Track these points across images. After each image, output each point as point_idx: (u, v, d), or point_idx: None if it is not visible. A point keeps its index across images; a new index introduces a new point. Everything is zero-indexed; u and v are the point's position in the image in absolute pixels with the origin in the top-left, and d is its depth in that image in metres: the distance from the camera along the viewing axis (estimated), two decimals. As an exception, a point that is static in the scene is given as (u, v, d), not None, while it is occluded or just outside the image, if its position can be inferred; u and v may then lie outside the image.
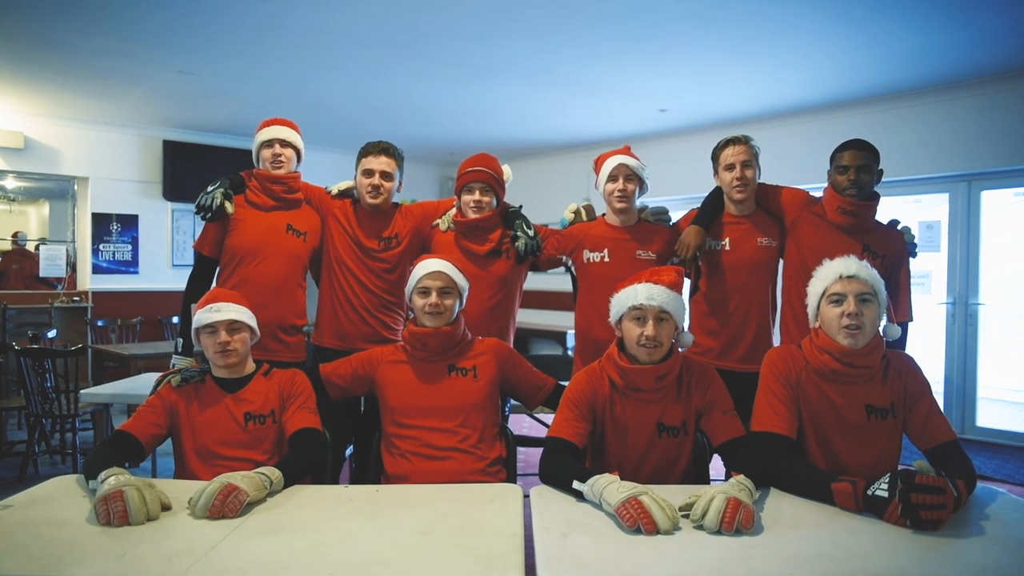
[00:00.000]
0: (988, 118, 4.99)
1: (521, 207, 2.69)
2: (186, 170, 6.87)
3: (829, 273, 1.88)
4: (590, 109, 5.96)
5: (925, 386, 1.87)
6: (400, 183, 2.67)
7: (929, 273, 5.42)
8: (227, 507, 1.55)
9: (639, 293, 1.89)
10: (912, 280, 2.50)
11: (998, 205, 5.56)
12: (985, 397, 5.44)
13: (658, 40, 4.20)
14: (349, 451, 2.70)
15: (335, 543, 1.44)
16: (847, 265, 1.86)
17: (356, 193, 2.66)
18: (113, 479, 1.58)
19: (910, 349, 2.29)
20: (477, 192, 2.53)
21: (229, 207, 2.51)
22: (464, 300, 2.23)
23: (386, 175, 2.58)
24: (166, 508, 1.59)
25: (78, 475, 1.81)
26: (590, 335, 2.53)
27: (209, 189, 2.51)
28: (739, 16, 3.80)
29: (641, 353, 1.90)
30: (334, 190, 2.72)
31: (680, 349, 1.99)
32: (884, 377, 1.86)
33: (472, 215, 2.54)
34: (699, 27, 3.98)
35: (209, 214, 2.48)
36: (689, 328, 1.98)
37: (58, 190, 7.79)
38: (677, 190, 6.35)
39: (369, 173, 2.57)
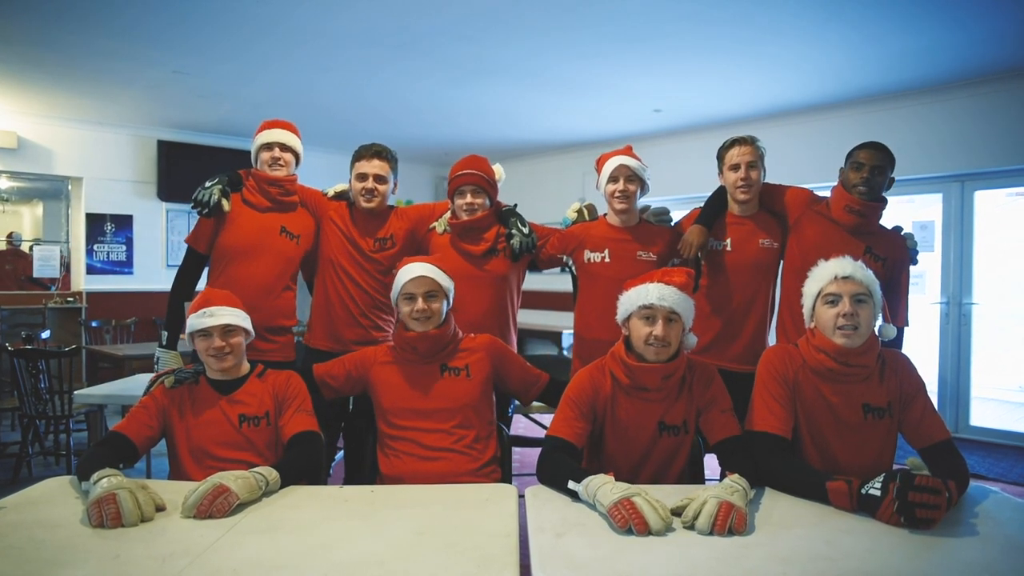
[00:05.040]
0: (982, 118, 5.01)
1: (516, 206, 2.69)
2: (181, 170, 6.84)
3: (824, 273, 1.88)
4: (585, 110, 5.96)
5: (920, 385, 1.88)
6: (395, 185, 2.68)
7: (923, 273, 5.44)
8: (215, 508, 1.56)
9: (650, 293, 1.89)
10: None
11: (991, 205, 5.58)
12: (979, 396, 5.46)
13: (652, 40, 4.21)
14: (340, 456, 2.68)
15: (330, 543, 1.44)
16: (842, 266, 1.86)
17: (351, 196, 2.66)
18: (106, 481, 1.57)
19: (905, 349, 2.30)
20: (469, 195, 2.53)
21: (226, 204, 2.51)
22: (451, 300, 2.21)
23: (380, 178, 2.58)
24: (160, 509, 1.58)
25: (72, 476, 1.80)
26: (588, 335, 2.53)
27: (207, 185, 2.51)
28: (734, 16, 3.81)
29: (649, 352, 1.90)
30: (330, 192, 2.72)
31: (684, 351, 1.99)
32: (880, 376, 1.87)
33: (465, 217, 2.55)
34: (694, 27, 3.98)
35: (206, 209, 2.48)
36: (690, 328, 1.98)
37: (52, 190, 7.76)
38: (671, 191, 6.37)
39: (363, 177, 2.58)
